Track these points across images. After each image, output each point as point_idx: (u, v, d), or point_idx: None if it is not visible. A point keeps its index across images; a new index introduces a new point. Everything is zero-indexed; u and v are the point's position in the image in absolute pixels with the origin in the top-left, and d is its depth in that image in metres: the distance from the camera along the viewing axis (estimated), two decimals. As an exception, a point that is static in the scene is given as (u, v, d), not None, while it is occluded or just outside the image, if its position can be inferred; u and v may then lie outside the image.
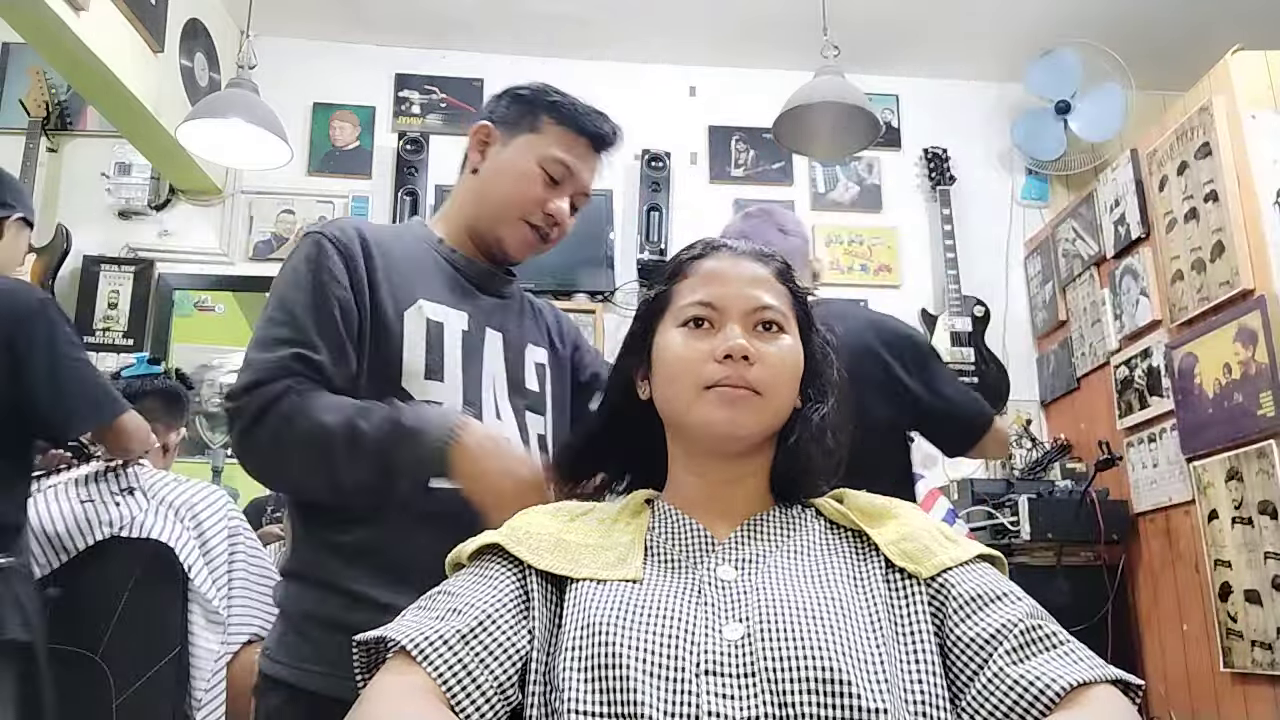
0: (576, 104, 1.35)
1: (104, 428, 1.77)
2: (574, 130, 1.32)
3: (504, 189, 1.31)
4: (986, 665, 0.75)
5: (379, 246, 1.23)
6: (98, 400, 1.75)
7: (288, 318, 1.16)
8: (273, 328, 1.16)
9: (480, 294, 1.31)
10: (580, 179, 1.34)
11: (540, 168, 1.30)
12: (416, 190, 3.49)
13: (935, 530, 0.86)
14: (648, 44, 3.73)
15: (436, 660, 0.74)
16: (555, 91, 1.35)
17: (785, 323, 0.90)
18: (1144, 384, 2.93)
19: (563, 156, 1.31)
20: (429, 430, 1.08)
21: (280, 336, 1.15)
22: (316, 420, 1.08)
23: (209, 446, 3.91)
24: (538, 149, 1.30)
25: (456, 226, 1.34)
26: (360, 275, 1.20)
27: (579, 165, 1.33)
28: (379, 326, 1.19)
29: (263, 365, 1.12)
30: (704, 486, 0.89)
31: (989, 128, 3.85)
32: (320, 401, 1.10)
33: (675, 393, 0.88)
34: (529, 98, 1.35)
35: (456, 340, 1.23)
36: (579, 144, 1.33)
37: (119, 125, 3.08)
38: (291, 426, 1.08)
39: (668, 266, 0.96)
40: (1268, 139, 2.49)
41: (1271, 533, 2.33)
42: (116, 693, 1.71)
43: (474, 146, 1.37)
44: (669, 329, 0.91)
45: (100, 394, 1.77)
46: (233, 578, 1.86)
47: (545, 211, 1.30)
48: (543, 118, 1.32)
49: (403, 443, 1.07)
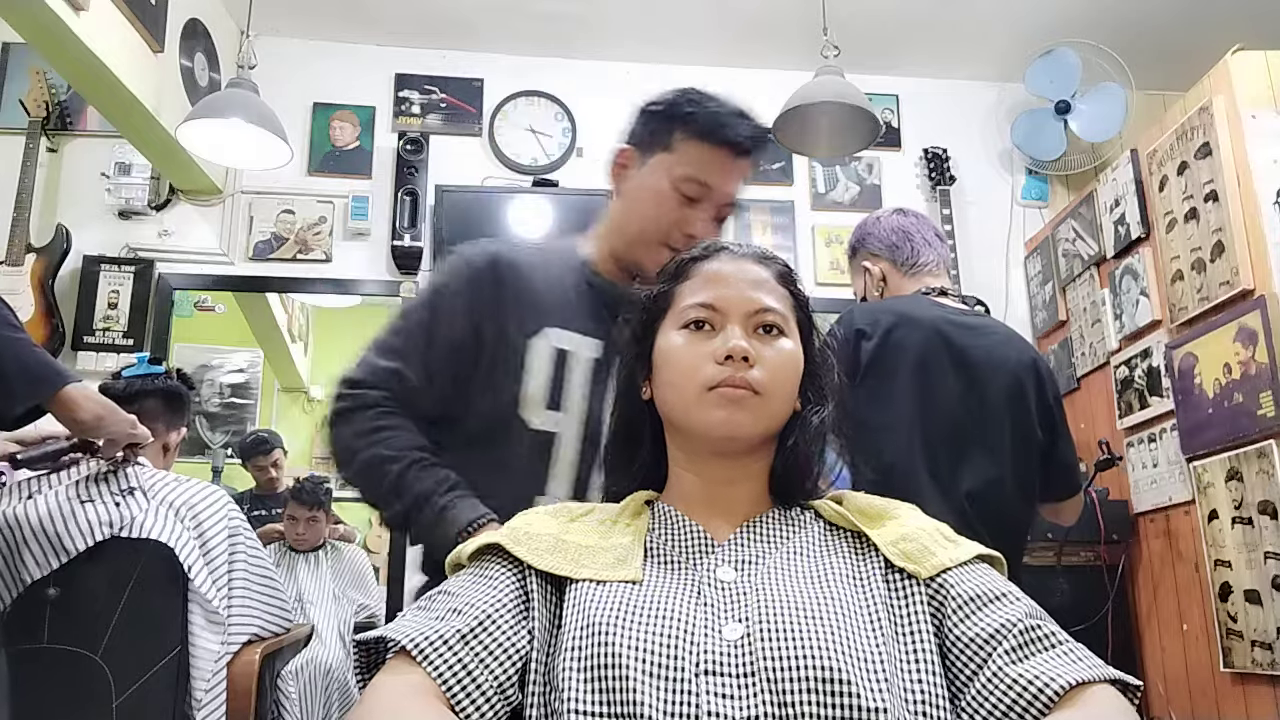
0: (714, 111, 1.27)
1: (47, 401, 1.66)
2: (709, 142, 1.25)
3: (640, 213, 1.27)
4: (985, 665, 0.75)
5: (515, 270, 1.25)
6: (38, 376, 1.65)
7: (403, 331, 1.26)
8: (391, 336, 1.27)
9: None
10: (720, 192, 1.26)
11: (674, 188, 1.25)
12: (416, 190, 3.50)
13: (934, 531, 0.86)
14: (648, 44, 3.72)
15: (436, 660, 0.74)
16: (692, 99, 1.29)
17: (785, 325, 0.90)
18: (1144, 384, 2.93)
19: (695, 174, 1.24)
20: (453, 520, 1.15)
21: (393, 346, 1.25)
22: (381, 453, 1.20)
23: (209, 446, 3.92)
24: (671, 168, 1.26)
25: (603, 250, 1.33)
26: (485, 302, 1.23)
27: (718, 178, 1.25)
28: (502, 353, 1.22)
29: (370, 369, 1.24)
30: (703, 487, 0.89)
31: (989, 128, 3.85)
32: (397, 434, 1.21)
33: (676, 394, 0.89)
34: (662, 112, 1.30)
35: (585, 369, 1.23)
36: (716, 156, 1.25)
37: (119, 125, 3.08)
38: (364, 442, 1.21)
39: (669, 266, 0.96)
40: (1268, 139, 2.49)
41: (1271, 533, 2.33)
42: (116, 693, 1.70)
43: (612, 172, 1.35)
44: (670, 331, 0.91)
45: (40, 369, 1.66)
46: (233, 578, 1.86)
47: (685, 233, 1.24)
48: (675, 133, 1.27)
49: (429, 517, 1.17)
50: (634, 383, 0.95)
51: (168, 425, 2.06)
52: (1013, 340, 1.81)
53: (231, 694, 1.79)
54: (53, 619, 1.72)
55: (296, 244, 3.53)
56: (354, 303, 3.87)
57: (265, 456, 3.56)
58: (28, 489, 1.81)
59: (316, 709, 2.96)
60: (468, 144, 3.69)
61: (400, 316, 1.28)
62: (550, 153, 3.71)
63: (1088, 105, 3.58)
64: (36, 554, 1.74)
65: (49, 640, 1.71)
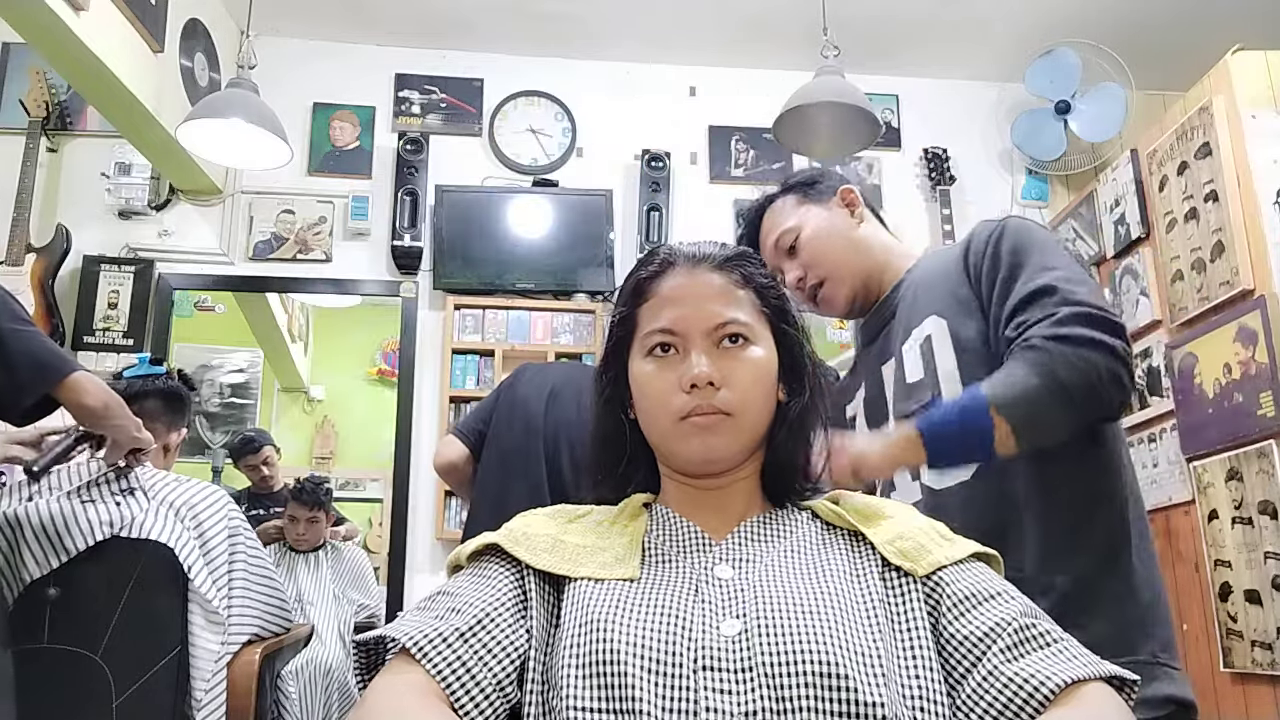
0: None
1: (55, 388, 1.66)
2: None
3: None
4: (980, 664, 0.75)
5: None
6: (45, 363, 1.66)
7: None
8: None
9: (880, 333, 1.44)
10: (767, 259, 1.45)
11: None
12: (416, 190, 3.50)
13: (930, 529, 0.87)
14: (648, 44, 3.73)
15: (436, 659, 0.74)
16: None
17: (750, 331, 0.88)
18: (1144, 384, 2.93)
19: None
20: None
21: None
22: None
23: (209, 446, 3.92)
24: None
25: None
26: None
27: (762, 254, 1.44)
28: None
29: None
30: (697, 494, 0.90)
31: (989, 128, 3.85)
32: None
33: (652, 424, 0.89)
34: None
35: (860, 415, 1.42)
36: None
37: (119, 125, 3.08)
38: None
39: (627, 284, 0.94)
40: (1268, 139, 2.49)
41: (1271, 533, 2.33)
42: (116, 693, 1.71)
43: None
44: (638, 358, 0.90)
45: (48, 356, 1.67)
46: (233, 578, 1.86)
47: (791, 289, 1.45)
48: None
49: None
50: (612, 404, 0.94)
51: (168, 425, 2.06)
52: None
53: (231, 694, 1.79)
54: (53, 619, 1.72)
55: (296, 244, 3.53)
56: (354, 303, 3.87)
57: (255, 455, 3.55)
58: (28, 489, 1.81)
59: (316, 709, 2.96)
60: (468, 144, 3.69)
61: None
62: (550, 153, 3.71)
63: (1088, 105, 3.58)
64: (37, 554, 1.75)
65: (49, 640, 1.71)
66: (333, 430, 4.34)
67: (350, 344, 4.42)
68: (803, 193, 1.49)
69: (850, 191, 1.49)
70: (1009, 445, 1.15)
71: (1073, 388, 1.13)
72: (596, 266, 3.50)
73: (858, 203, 1.48)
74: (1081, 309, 1.16)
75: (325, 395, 4.47)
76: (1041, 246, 1.25)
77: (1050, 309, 1.17)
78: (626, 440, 0.93)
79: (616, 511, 0.92)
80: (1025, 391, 1.13)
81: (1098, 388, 1.14)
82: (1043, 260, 1.23)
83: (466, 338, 3.47)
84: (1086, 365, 1.14)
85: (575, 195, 3.59)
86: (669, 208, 3.60)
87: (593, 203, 3.57)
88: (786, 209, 1.48)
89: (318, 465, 4.18)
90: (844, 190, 1.48)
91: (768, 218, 1.50)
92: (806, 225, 1.45)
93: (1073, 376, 1.13)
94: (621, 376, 0.92)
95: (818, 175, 1.53)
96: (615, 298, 0.97)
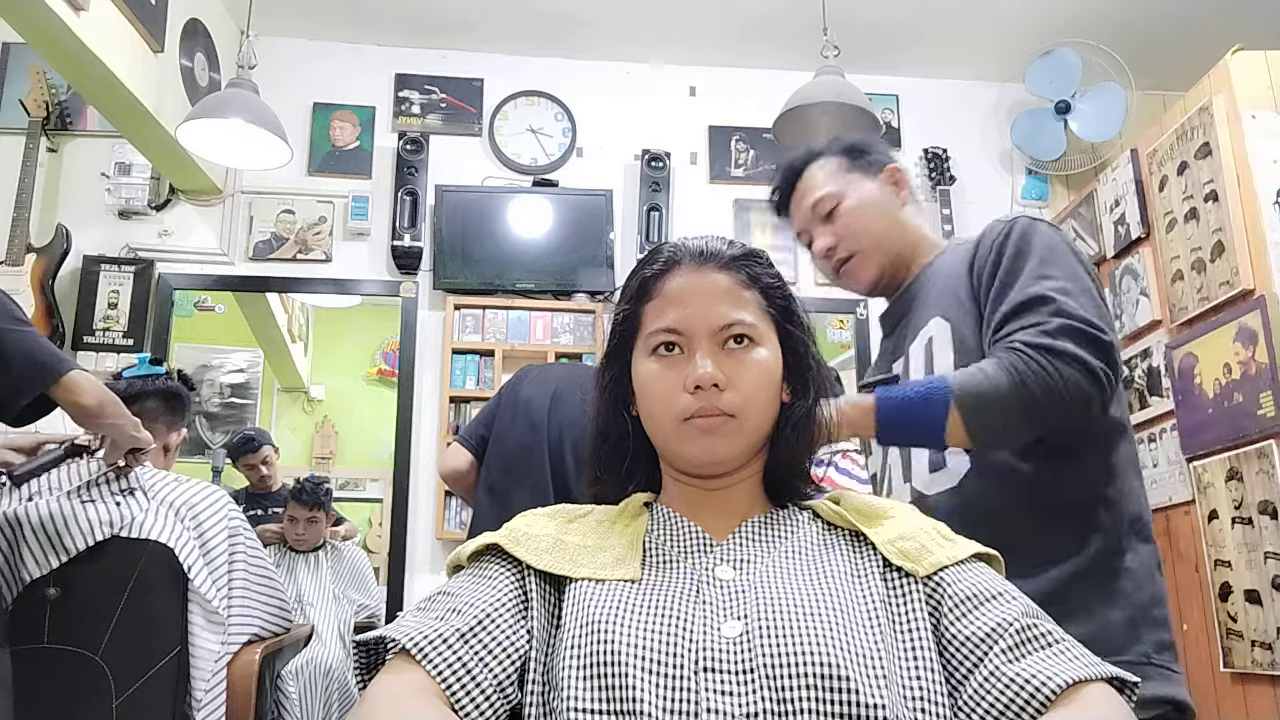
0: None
1: (51, 387, 1.66)
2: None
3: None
4: (981, 664, 0.75)
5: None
6: (42, 362, 1.65)
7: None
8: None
9: (898, 325, 1.43)
10: (797, 218, 1.46)
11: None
12: (416, 190, 3.50)
13: (932, 529, 0.86)
14: (648, 44, 3.73)
15: (436, 659, 0.74)
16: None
17: (756, 332, 0.88)
18: (1144, 384, 2.93)
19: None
20: None
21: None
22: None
23: (209, 446, 3.93)
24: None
25: None
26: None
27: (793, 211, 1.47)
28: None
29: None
30: (699, 495, 0.90)
31: (989, 128, 3.85)
32: None
33: (655, 424, 0.89)
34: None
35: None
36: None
37: (119, 125, 3.08)
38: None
39: (631, 282, 0.93)
40: (1268, 139, 2.49)
41: (1271, 533, 2.33)
42: (116, 693, 1.71)
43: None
44: (641, 357, 0.90)
45: (45, 355, 1.67)
46: (233, 578, 1.86)
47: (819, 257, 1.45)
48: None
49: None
50: (614, 402, 0.93)
51: (168, 426, 2.06)
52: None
53: (231, 694, 1.79)
54: (53, 618, 1.72)
55: (296, 244, 3.53)
56: (354, 303, 3.87)
57: (254, 454, 3.54)
58: (28, 489, 1.81)
59: (316, 709, 2.96)
60: (468, 144, 3.69)
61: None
62: (550, 153, 3.71)
63: (1088, 105, 3.58)
64: (36, 553, 1.75)
65: (49, 640, 1.71)
66: (332, 430, 4.35)
67: (350, 344, 4.43)
68: (852, 159, 1.43)
69: (899, 170, 1.44)
70: (959, 438, 1.14)
71: (1038, 400, 1.11)
72: (596, 267, 3.50)
73: (905, 182, 1.44)
74: (1072, 323, 1.14)
75: (325, 395, 4.48)
76: (1044, 252, 1.23)
77: (1042, 318, 1.16)
78: (628, 438, 0.93)
79: (617, 511, 0.91)
80: (990, 391, 1.13)
81: (1062, 406, 1.12)
82: (1042, 267, 1.21)
83: (466, 338, 3.47)
84: (1059, 381, 1.12)
85: (575, 195, 3.59)
86: (669, 208, 3.60)
87: (593, 203, 3.57)
88: (830, 172, 1.42)
89: (317, 465, 4.19)
90: (893, 168, 1.43)
91: (807, 176, 1.43)
92: (850, 195, 1.40)
93: (1041, 389, 1.11)
94: (624, 374, 0.92)
95: (869, 145, 1.46)
96: (619, 294, 0.96)
